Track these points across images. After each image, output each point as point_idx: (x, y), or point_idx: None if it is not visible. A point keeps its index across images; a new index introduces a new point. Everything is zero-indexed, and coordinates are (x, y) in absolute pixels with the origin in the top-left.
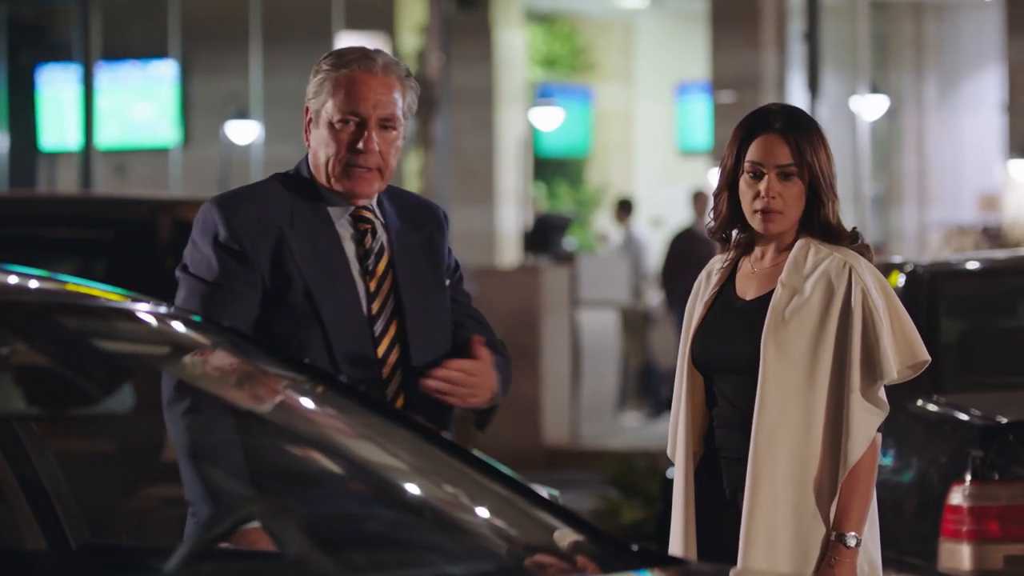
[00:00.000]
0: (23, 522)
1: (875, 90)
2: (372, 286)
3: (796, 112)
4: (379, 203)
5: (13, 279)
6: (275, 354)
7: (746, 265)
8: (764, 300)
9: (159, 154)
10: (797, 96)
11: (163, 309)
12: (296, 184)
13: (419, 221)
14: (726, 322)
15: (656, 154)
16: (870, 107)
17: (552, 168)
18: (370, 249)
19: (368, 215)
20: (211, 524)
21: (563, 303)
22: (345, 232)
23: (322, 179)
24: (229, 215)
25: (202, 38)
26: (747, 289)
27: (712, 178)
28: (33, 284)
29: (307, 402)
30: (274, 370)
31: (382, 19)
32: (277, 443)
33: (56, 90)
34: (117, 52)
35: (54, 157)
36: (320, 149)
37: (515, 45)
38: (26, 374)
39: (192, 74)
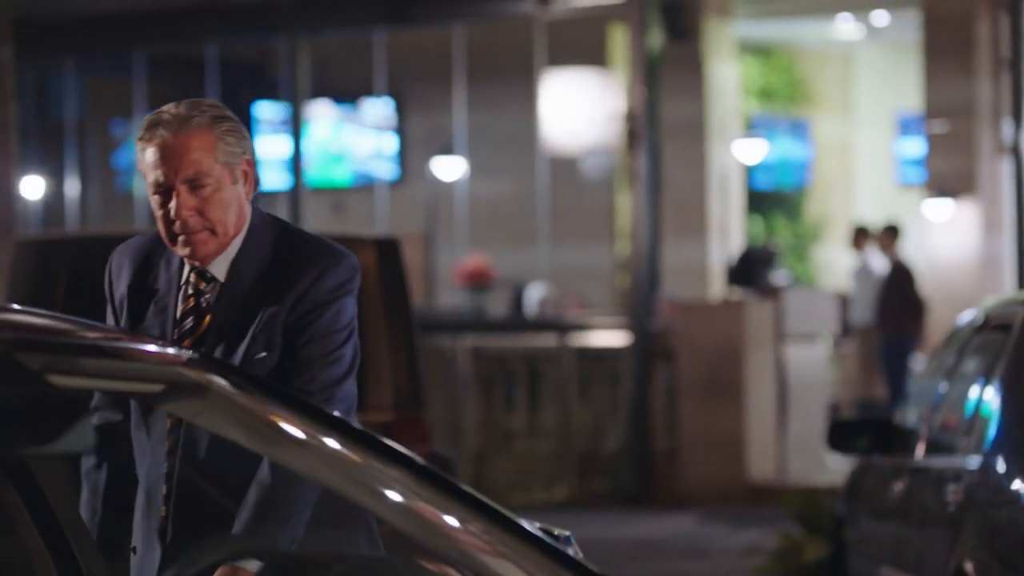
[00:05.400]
0: (37, 559)
1: None
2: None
3: None
4: (241, 256)
5: None
6: (275, 394)
7: None
8: None
9: (372, 191)
10: (1009, 124)
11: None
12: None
13: (289, 277)
14: None
15: (876, 186)
16: None
17: (769, 201)
18: (196, 308)
19: (212, 273)
20: (186, 564)
21: (768, 337)
22: (188, 288)
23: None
24: (110, 266)
25: (408, 76)
26: None
27: (928, 210)
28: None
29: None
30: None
31: (589, 54)
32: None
33: (272, 129)
34: (328, 91)
35: (273, 196)
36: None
37: (727, 77)
38: None
39: (403, 112)
